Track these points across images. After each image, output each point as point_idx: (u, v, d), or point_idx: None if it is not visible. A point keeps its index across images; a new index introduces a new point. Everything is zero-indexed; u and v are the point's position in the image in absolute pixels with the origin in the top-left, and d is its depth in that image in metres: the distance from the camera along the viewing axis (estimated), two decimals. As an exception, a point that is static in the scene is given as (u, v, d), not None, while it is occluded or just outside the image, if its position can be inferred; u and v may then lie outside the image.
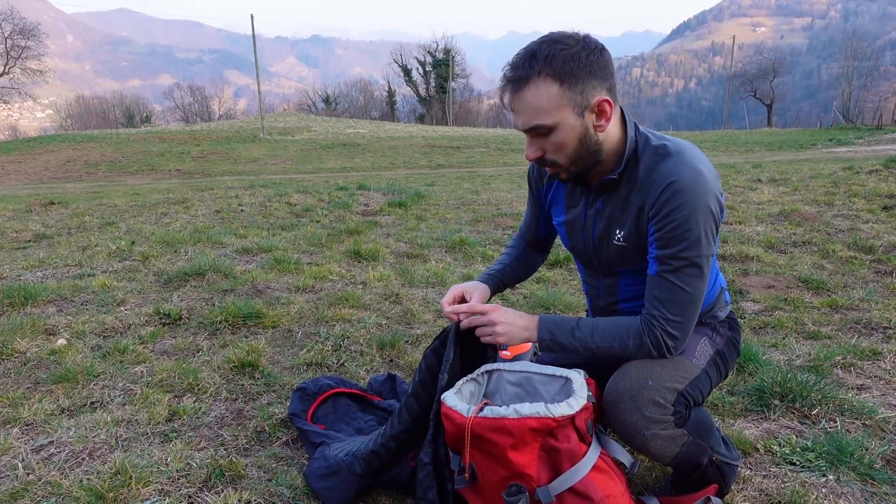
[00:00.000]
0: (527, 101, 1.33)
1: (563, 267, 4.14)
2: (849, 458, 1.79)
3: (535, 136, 1.39)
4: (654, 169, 1.42)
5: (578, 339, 1.46)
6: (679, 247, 1.37)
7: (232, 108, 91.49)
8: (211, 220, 5.86)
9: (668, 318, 1.40)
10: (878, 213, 5.44)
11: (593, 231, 1.56)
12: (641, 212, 1.44)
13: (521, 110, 1.35)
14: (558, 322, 1.50)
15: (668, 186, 1.37)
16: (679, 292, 1.39)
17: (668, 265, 1.39)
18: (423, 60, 61.89)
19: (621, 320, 1.48)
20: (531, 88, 1.32)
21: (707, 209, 1.36)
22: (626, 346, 1.44)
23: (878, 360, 2.54)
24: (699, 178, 1.36)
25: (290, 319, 3.05)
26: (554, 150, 1.40)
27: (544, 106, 1.32)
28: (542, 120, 1.34)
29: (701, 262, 1.38)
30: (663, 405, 1.40)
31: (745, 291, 3.49)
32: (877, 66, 56.26)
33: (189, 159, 21.85)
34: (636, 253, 1.50)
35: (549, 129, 1.35)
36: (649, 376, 1.41)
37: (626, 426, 1.40)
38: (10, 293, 3.25)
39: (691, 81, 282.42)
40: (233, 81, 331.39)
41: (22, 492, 1.68)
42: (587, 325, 1.48)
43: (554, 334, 1.48)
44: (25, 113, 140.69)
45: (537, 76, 1.31)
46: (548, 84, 1.31)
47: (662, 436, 1.41)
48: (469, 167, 17.54)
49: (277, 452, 1.91)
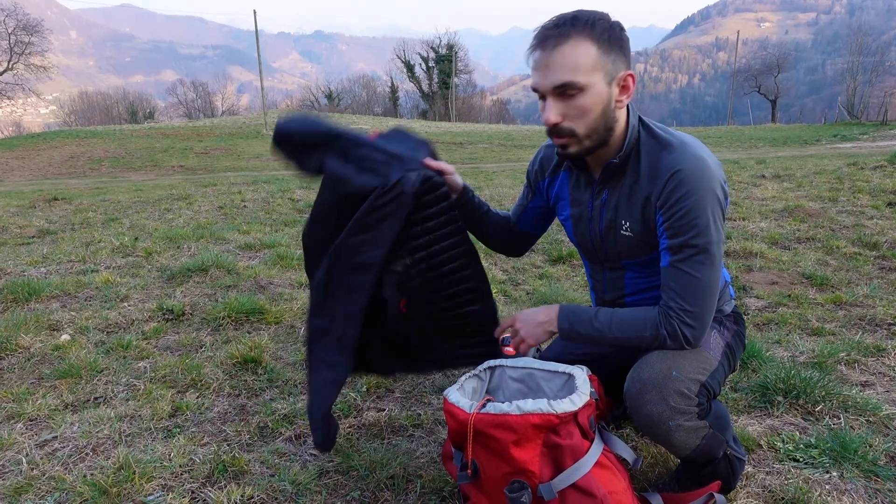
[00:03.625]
0: (564, 57, 1.32)
1: (566, 263, 4.13)
2: (852, 454, 1.78)
3: (561, 98, 1.37)
4: (657, 158, 1.43)
5: (597, 329, 1.48)
6: (689, 234, 1.38)
7: (235, 104, 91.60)
8: (214, 216, 5.86)
9: (685, 309, 1.40)
10: (882, 209, 5.41)
11: (600, 222, 1.56)
12: (647, 202, 1.44)
13: (555, 66, 1.33)
14: (578, 312, 1.52)
15: (673, 175, 1.38)
16: (693, 281, 1.39)
17: (680, 254, 1.39)
18: (426, 56, 61.71)
19: (639, 310, 1.48)
20: (570, 45, 1.32)
21: (713, 195, 1.37)
22: (643, 336, 1.44)
23: (883, 356, 2.53)
24: (703, 165, 1.37)
25: (292, 315, 3.05)
26: (576, 116, 1.38)
27: (581, 64, 1.32)
28: (575, 77, 1.33)
29: (712, 248, 1.38)
30: (688, 396, 1.40)
31: (748, 288, 3.48)
32: (882, 61, 55.90)
33: (192, 155, 21.86)
34: (643, 244, 1.50)
35: (579, 90, 1.34)
36: (673, 367, 1.41)
37: (650, 417, 1.39)
38: (14, 289, 3.26)
39: (695, 77, 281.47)
40: (235, 77, 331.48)
41: (26, 487, 1.69)
42: (606, 314, 1.49)
43: (573, 323, 1.50)
44: (29, 109, 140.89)
45: (579, 35, 1.32)
46: (587, 45, 1.32)
47: (686, 427, 1.40)
48: (472, 163, 17.52)
49: (280, 448, 1.91)
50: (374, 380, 2.36)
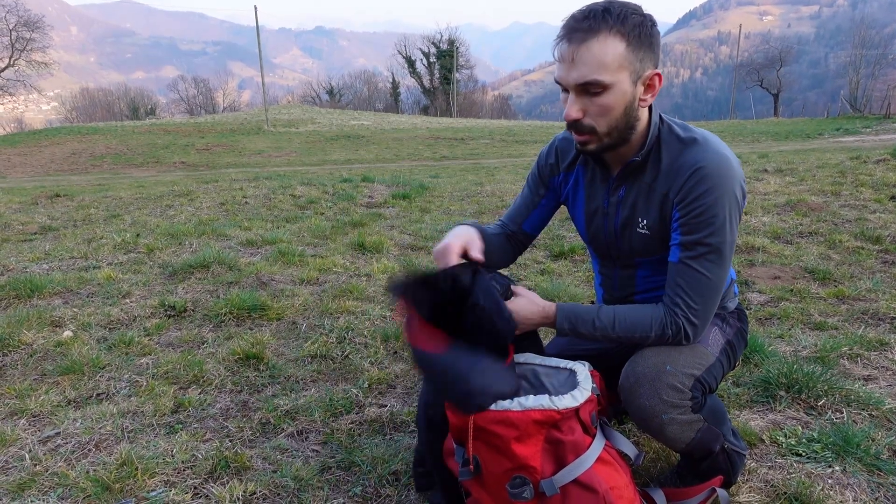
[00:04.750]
0: (592, 53, 1.28)
1: (568, 258, 4.13)
2: (855, 448, 1.78)
3: (583, 95, 1.33)
4: (679, 156, 1.41)
5: (599, 329, 1.45)
6: (704, 232, 1.36)
7: (236, 100, 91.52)
8: (215, 213, 5.86)
9: (692, 307, 1.40)
10: (885, 202, 5.39)
11: (616, 219, 1.54)
12: (666, 199, 1.43)
13: (582, 62, 1.28)
14: (579, 312, 1.47)
15: (695, 172, 1.36)
16: (702, 279, 1.38)
17: (692, 251, 1.38)
18: (427, 51, 61.55)
19: (642, 309, 1.46)
20: (599, 41, 1.27)
21: (733, 195, 1.36)
22: (647, 336, 1.43)
23: (885, 350, 2.53)
24: (726, 163, 1.36)
25: (294, 311, 3.05)
26: (597, 114, 1.34)
27: (608, 62, 1.28)
28: (601, 76, 1.29)
29: (724, 248, 1.37)
30: (681, 390, 1.40)
31: (751, 282, 3.47)
32: (885, 54, 55.64)
33: (193, 151, 21.87)
34: (659, 242, 1.48)
35: (603, 89, 1.30)
36: (667, 361, 1.41)
37: (643, 410, 1.40)
38: (17, 285, 3.26)
39: (697, 71, 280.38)
40: (237, 73, 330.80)
41: (29, 482, 1.69)
42: (608, 314, 1.46)
43: (574, 325, 1.46)
44: (31, 105, 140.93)
45: (608, 31, 1.27)
46: (616, 41, 1.28)
47: (679, 420, 1.41)
48: (473, 159, 17.50)
49: (282, 444, 1.91)
50: (376, 376, 2.36)
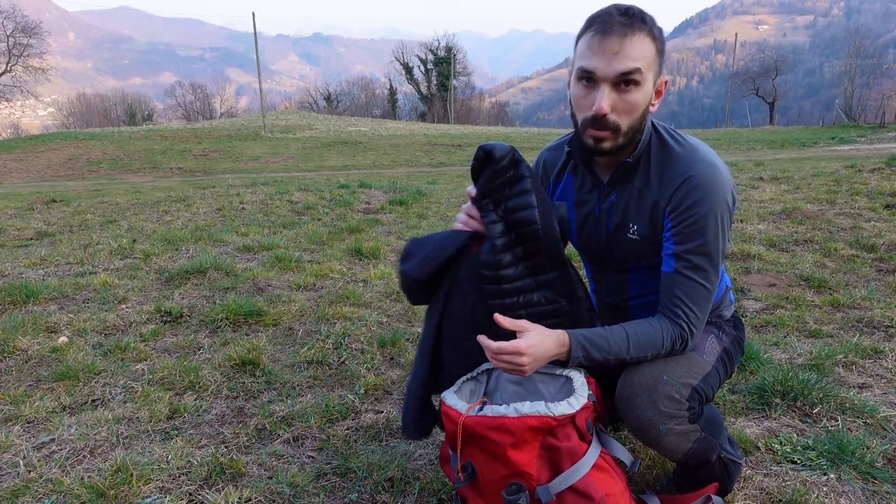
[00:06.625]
0: (633, 47, 1.31)
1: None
2: (850, 456, 1.79)
3: (617, 89, 1.34)
4: (668, 163, 1.42)
5: (613, 353, 1.41)
6: (697, 242, 1.38)
7: (233, 106, 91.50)
8: (212, 218, 5.86)
9: (693, 316, 1.41)
10: (880, 211, 5.42)
11: (608, 225, 1.54)
12: (656, 206, 1.44)
13: (626, 54, 1.30)
14: (591, 339, 1.40)
15: (685, 181, 1.38)
16: (700, 288, 1.40)
17: (686, 261, 1.39)
18: (425, 58, 61.76)
19: (650, 327, 1.42)
20: (640, 37, 1.32)
21: (724, 203, 1.38)
22: (659, 352, 1.42)
23: (880, 358, 2.53)
24: (715, 172, 1.38)
25: (290, 317, 3.05)
26: (624, 111, 1.35)
27: (645, 57, 1.33)
28: (643, 69, 1.32)
29: (717, 256, 1.40)
30: (679, 400, 1.40)
31: (746, 290, 3.48)
32: (880, 63, 56.06)
33: (191, 157, 21.87)
34: (650, 247, 1.49)
35: (637, 83, 1.33)
36: (664, 371, 1.41)
37: (641, 421, 1.40)
38: (12, 291, 3.25)
39: (693, 79, 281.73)
40: (234, 79, 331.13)
41: (23, 489, 1.68)
42: (619, 336, 1.41)
43: (588, 352, 1.39)
44: (27, 111, 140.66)
45: (645, 31, 1.32)
46: (650, 42, 1.33)
47: (676, 431, 1.41)
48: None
49: (278, 450, 1.91)
50: (372, 382, 2.36)
